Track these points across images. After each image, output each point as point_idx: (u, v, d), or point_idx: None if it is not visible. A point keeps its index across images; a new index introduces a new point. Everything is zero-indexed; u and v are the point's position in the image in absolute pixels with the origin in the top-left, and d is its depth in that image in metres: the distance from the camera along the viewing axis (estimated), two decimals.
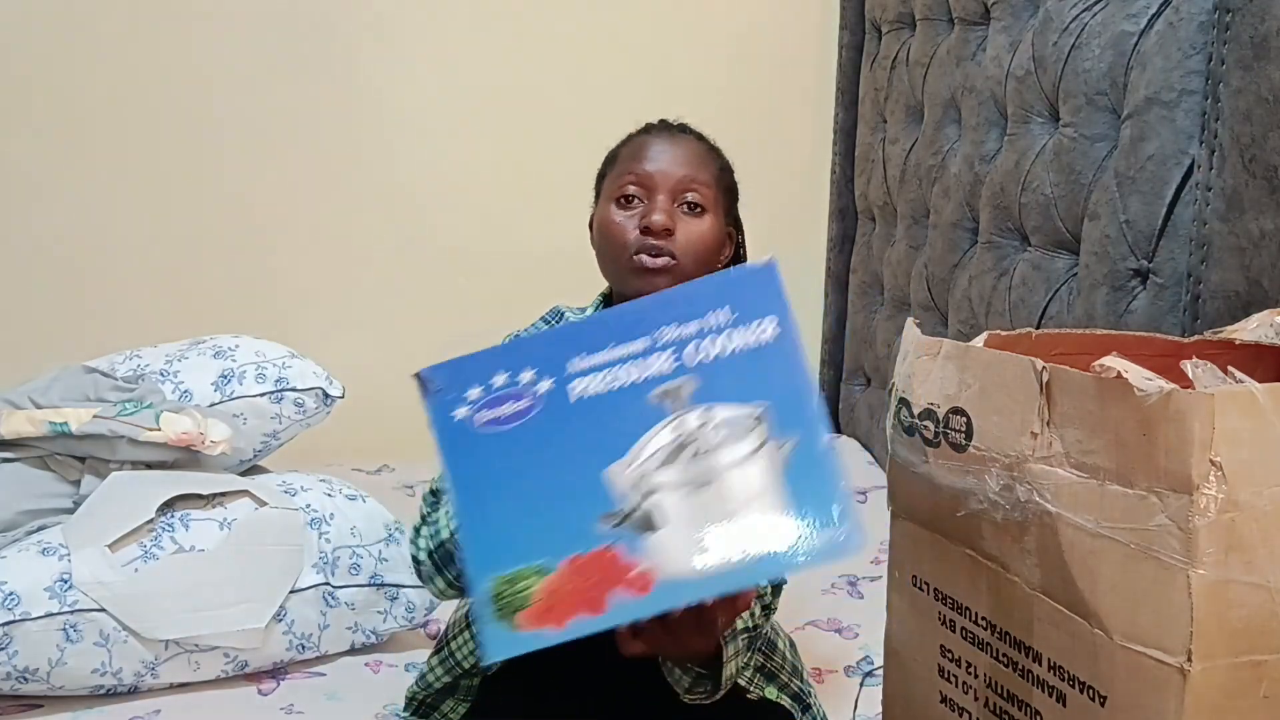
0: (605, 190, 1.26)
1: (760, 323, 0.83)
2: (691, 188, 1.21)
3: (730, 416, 0.81)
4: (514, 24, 2.57)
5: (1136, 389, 0.75)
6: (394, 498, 2.04)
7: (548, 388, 0.82)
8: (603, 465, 0.81)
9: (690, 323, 0.83)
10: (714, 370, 0.82)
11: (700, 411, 0.81)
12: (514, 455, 0.82)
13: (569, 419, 0.82)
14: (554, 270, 2.55)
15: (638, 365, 0.82)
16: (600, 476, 0.80)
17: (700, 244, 1.20)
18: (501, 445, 0.82)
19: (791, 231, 2.73)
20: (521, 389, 0.82)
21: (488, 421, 0.82)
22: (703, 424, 0.81)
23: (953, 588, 0.98)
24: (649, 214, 1.19)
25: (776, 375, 0.82)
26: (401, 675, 1.54)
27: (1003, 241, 1.88)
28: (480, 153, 2.58)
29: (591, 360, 0.83)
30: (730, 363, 0.82)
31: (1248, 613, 0.74)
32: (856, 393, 2.62)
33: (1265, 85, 1.32)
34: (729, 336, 0.83)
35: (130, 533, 1.45)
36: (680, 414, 0.81)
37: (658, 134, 1.26)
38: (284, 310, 2.50)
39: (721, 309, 0.83)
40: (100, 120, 2.41)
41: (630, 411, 0.81)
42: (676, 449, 0.80)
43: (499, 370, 0.83)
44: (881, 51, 2.49)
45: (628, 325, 0.84)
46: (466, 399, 0.83)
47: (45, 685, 1.40)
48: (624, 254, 1.19)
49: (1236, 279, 1.37)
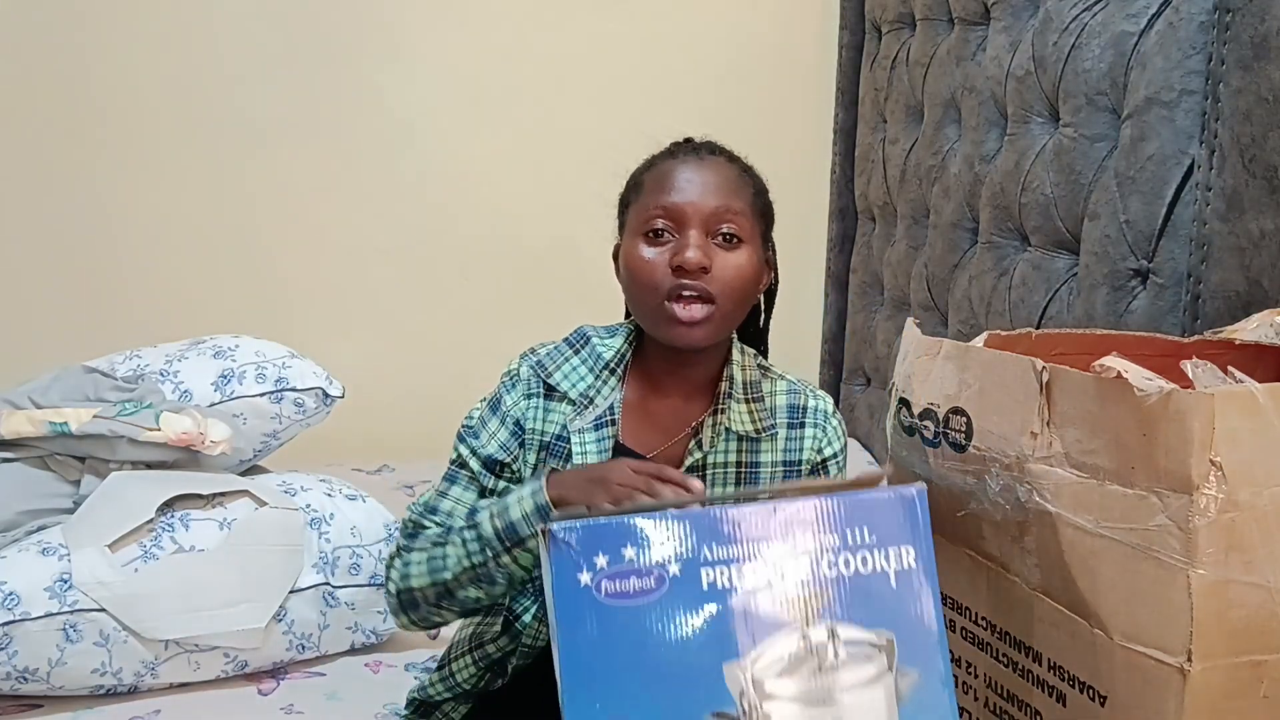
0: (631, 222, 1.15)
1: (898, 550, 0.82)
2: (726, 219, 1.11)
3: (855, 638, 0.81)
4: (516, 25, 2.57)
5: (1136, 389, 0.75)
6: (394, 498, 2.04)
7: (676, 571, 0.81)
8: (722, 660, 0.80)
9: (830, 535, 0.83)
10: (846, 588, 0.82)
11: (826, 626, 0.81)
12: (633, 631, 0.80)
13: (695, 606, 0.80)
14: (555, 270, 2.56)
15: (771, 565, 0.82)
16: (718, 671, 0.79)
17: (739, 280, 1.11)
18: (622, 618, 0.80)
19: (791, 231, 2.73)
20: (650, 566, 0.81)
21: (611, 594, 0.80)
22: (828, 640, 0.80)
23: (953, 588, 0.98)
24: (681, 251, 1.09)
25: (906, 606, 0.82)
26: (401, 675, 1.54)
27: (1003, 241, 1.88)
28: (482, 153, 2.58)
29: (724, 551, 0.82)
30: (863, 584, 0.82)
31: (1247, 613, 0.74)
32: (856, 393, 2.62)
33: (1265, 85, 1.32)
34: (865, 559, 0.82)
35: (130, 533, 1.45)
36: (807, 625, 0.81)
37: (685, 158, 1.15)
38: (284, 310, 2.50)
39: (862, 528, 0.83)
40: (100, 120, 2.41)
41: (757, 611, 0.81)
42: (798, 660, 0.80)
43: (629, 542, 0.81)
44: (881, 51, 2.49)
45: (766, 525, 0.82)
46: (595, 565, 0.80)
47: (45, 685, 1.40)
48: (655, 297, 1.11)
49: (1236, 279, 1.37)
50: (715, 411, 1.18)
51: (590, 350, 1.20)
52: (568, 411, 1.17)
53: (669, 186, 1.12)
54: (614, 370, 1.19)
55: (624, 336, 1.21)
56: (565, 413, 1.17)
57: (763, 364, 1.25)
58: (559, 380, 1.18)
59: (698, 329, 1.10)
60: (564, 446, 1.17)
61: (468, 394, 1.29)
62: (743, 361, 1.21)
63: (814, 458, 1.20)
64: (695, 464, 1.16)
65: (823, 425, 1.20)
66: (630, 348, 1.21)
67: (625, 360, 1.20)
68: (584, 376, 1.19)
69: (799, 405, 1.21)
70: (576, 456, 1.15)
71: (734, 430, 1.17)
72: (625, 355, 1.20)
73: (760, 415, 1.18)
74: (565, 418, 1.17)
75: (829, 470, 1.21)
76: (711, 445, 1.16)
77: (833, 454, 1.21)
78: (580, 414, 1.17)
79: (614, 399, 1.18)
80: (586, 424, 1.16)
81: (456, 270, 2.60)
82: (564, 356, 1.20)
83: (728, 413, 1.18)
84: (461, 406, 1.28)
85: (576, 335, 1.22)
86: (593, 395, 1.18)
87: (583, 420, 1.16)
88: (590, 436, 1.16)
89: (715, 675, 0.79)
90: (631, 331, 1.22)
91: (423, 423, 2.20)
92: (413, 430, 2.40)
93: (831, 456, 1.21)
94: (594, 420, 1.16)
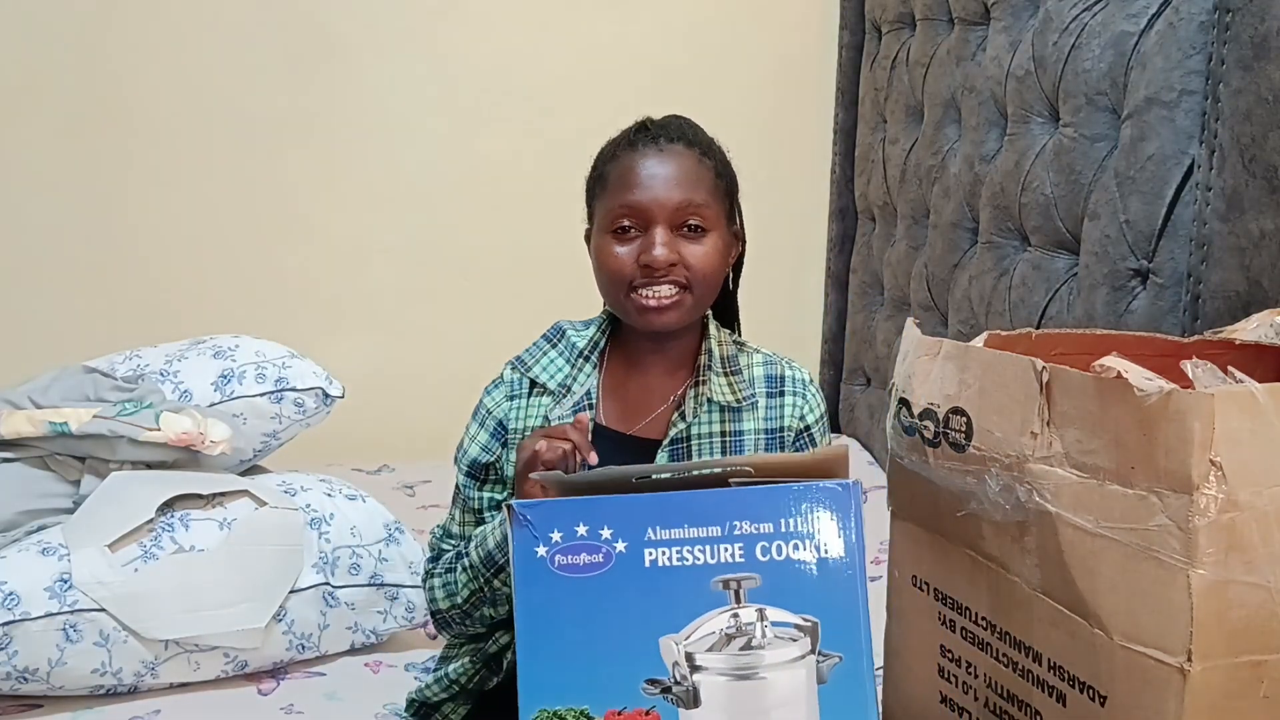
0: (598, 217, 1.19)
1: (829, 540, 0.88)
2: (690, 213, 1.15)
3: (783, 620, 0.86)
4: (516, 26, 2.57)
5: (1136, 389, 0.75)
6: (394, 498, 2.04)
7: (623, 549, 0.88)
8: (659, 633, 0.86)
9: (764, 523, 0.88)
10: (777, 573, 0.87)
11: (756, 608, 0.87)
12: (581, 602, 0.88)
13: (637, 582, 0.88)
14: (554, 270, 2.55)
15: (708, 549, 0.88)
16: (655, 643, 0.86)
17: (708, 267, 1.16)
18: (572, 589, 0.88)
19: (791, 231, 2.74)
20: (599, 543, 0.88)
21: (564, 566, 0.88)
22: (756, 620, 0.86)
23: (953, 588, 0.98)
24: (649, 249, 1.13)
25: (835, 593, 0.87)
26: (401, 675, 1.54)
27: (1003, 241, 1.88)
28: (481, 153, 2.58)
29: (667, 534, 0.89)
30: (794, 570, 0.87)
31: (1248, 613, 0.74)
32: (856, 393, 2.62)
33: (1265, 85, 1.32)
34: (797, 546, 0.88)
35: (130, 533, 1.45)
36: (738, 605, 0.87)
37: (644, 151, 1.16)
38: (284, 310, 2.50)
39: (796, 517, 0.88)
40: (100, 121, 2.42)
41: (693, 590, 0.87)
42: (728, 637, 0.86)
43: (581, 520, 0.89)
44: (881, 51, 2.49)
45: (707, 511, 0.89)
46: (549, 539, 0.88)
47: (45, 685, 1.40)
48: (623, 288, 1.16)
49: (1236, 279, 1.37)
50: (697, 383, 1.22)
51: (566, 342, 1.25)
52: (548, 403, 1.22)
53: (632, 183, 1.15)
54: (588, 357, 1.24)
55: (597, 325, 1.26)
56: (546, 404, 1.22)
57: (737, 340, 1.29)
58: (538, 373, 1.23)
59: (668, 313, 1.15)
60: None
61: (468, 394, 1.30)
62: (719, 337, 1.26)
63: (797, 424, 1.24)
64: (680, 435, 1.20)
65: (802, 393, 1.25)
66: (604, 334, 1.26)
67: (600, 346, 1.25)
68: (561, 367, 1.23)
69: (776, 375, 1.25)
70: None
71: (715, 401, 1.21)
72: (599, 342, 1.25)
73: (739, 386, 1.23)
74: (546, 408, 1.22)
75: (813, 436, 1.26)
76: (695, 415, 1.20)
77: (815, 420, 1.26)
78: (559, 403, 1.21)
79: (590, 384, 1.22)
80: (566, 411, 1.21)
81: (457, 270, 2.60)
82: (542, 351, 1.25)
83: (708, 384, 1.22)
84: (461, 406, 1.29)
85: (553, 330, 1.27)
86: (569, 383, 1.22)
87: (561, 408, 1.21)
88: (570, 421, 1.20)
89: (652, 646, 0.86)
90: (605, 319, 1.26)
91: (423, 423, 2.21)
92: (413, 430, 2.40)
93: (815, 422, 1.26)
94: (572, 406, 1.21)
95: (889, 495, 1.08)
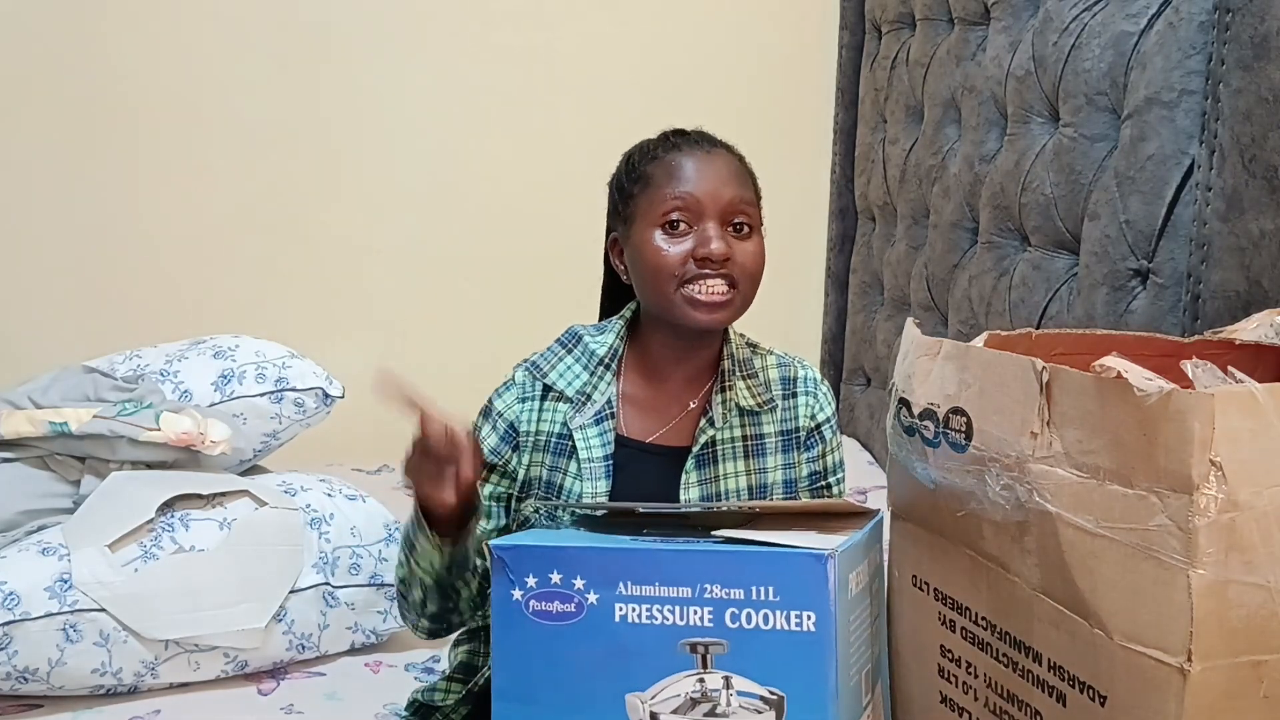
0: (642, 213, 1.16)
1: (800, 614, 0.85)
2: (741, 210, 1.15)
3: (749, 690, 0.85)
4: (515, 27, 2.56)
5: (1136, 389, 0.75)
6: (394, 498, 2.03)
7: (594, 600, 0.88)
8: (625, 688, 0.86)
9: (735, 589, 0.86)
10: (746, 641, 0.86)
11: (723, 675, 0.85)
12: (553, 648, 0.88)
13: (606, 635, 0.88)
14: (555, 271, 2.55)
15: (677, 610, 0.87)
16: (621, 699, 0.86)
17: (755, 267, 1.15)
18: (544, 635, 0.89)
19: (791, 231, 2.73)
20: (572, 592, 0.89)
21: (537, 611, 0.89)
22: (723, 688, 0.85)
23: (953, 588, 0.98)
24: (705, 243, 1.12)
25: (803, 669, 0.85)
26: (401, 675, 1.54)
27: (1003, 241, 1.88)
28: (482, 155, 2.58)
29: (638, 590, 0.88)
30: (763, 640, 0.85)
31: (1248, 613, 0.74)
32: (856, 393, 2.62)
33: (1265, 85, 1.32)
34: (767, 616, 0.86)
35: (130, 533, 1.45)
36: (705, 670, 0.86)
37: (692, 150, 1.17)
38: (284, 310, 2.49)
39: (768, 587, 0.86)
40: (100, 121, 2.41)
41: (662, 649, 0.87)
42: (692, 702, 0.85)
43: (556, 568, 0.89)
44: (881, 51, 2.49)
45: (679, 571, 0.88)
46: (525, 583, 0.89)
47: (45, 685, 1.40)
48: (673, 284, 1.13)
49: (1236, 279, 1.37)
50: (723, 389, 1.22)
51: (583, 348, 1.23)
52: (566, 410, 1.20)
53: (683, 177, 1.15)
54: (608, 365, 1.22)
55: (616, 332, 1.24)
56: (564, 411, 1.20)
57: (750, 341, 1.29)
58: (555, 379, 1.21)
59: (720, 311, 1.14)
60: (566, 444, 1.19)
61: (468, 394, 1.30)
62: (736, 341, 1.26)
63: (809, 424, 1.25)
64: (707, 442, 1.20)
65: (813, 392, 1.26)
66: (623, 342, 1.24)
67: (619, 354, 1.23)
68: (579, 374, 1.21)
69: (790, 376, 1.26)
70: (581, 452, 1.18)
71: (740, 405, 1.21)
72: (618, 350, 1.23)
73: (757, 390, 1.23)
74: (565, 415, 1.20)
75: (823, 433, 1.26)
76: (725, 421, 1.20)
77: (825, 418, 1.26)
78: (579, 410, 1.20)
79: (610, 393, 1.21)
80: (587, 420, 1.19)
81: (457, 270, 2.60)
82: (558, 356, 1.23)
83: (734, 389, 1.22)
84: (461, 406, 1.28)
85: (568, 335, 1.25)
86: (589, 391, 1.21)
87: (583, 416, 1.19)
88: (592, 431, 1.19)
89: (618, 702, 0.86)
90: (624, 326, 1.24)
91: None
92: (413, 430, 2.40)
93: (825, 420, 1.26)
94: (594, 415, 1.20)
95: (889, 495, 1.08)
